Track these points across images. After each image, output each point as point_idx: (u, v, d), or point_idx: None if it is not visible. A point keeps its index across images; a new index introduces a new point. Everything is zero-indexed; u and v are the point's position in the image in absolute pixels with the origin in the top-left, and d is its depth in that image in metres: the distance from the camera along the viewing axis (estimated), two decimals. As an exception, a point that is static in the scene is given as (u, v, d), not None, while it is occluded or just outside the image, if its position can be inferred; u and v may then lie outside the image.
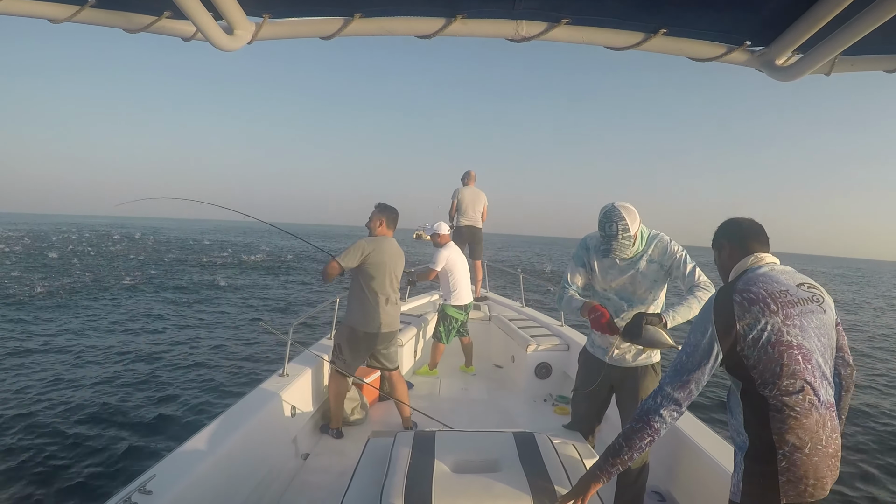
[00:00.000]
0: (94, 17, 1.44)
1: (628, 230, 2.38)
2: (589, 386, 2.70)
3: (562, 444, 2.28)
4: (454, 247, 5.36)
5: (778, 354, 1.52)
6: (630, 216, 2.39)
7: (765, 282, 1.62)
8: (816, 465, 1.51)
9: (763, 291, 1.58)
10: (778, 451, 1.52)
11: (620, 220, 2.38)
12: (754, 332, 1.54)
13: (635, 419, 1.70)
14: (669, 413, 1.64)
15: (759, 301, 1.56)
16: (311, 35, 1.47)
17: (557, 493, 1.72)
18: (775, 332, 1.53)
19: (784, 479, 1.51)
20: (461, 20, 1.41)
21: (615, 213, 2.39)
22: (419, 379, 5.28)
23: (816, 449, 1.51)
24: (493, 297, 7.19)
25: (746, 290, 1.60)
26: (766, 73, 1.54)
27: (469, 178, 7.09)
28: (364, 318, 3.69)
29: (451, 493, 1.68)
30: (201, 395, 6.74)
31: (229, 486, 2.55)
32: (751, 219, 1.84)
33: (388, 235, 3.83)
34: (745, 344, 1.55)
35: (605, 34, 1.45)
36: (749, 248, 1.76)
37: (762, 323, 1.54)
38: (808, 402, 1.51)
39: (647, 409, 1.67)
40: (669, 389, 1.64)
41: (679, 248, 2.49)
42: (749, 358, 1.55)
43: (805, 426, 1.51)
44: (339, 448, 3.65)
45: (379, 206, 3.83)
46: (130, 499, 1.94)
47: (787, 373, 1.51)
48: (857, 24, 1.18)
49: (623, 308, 2.57)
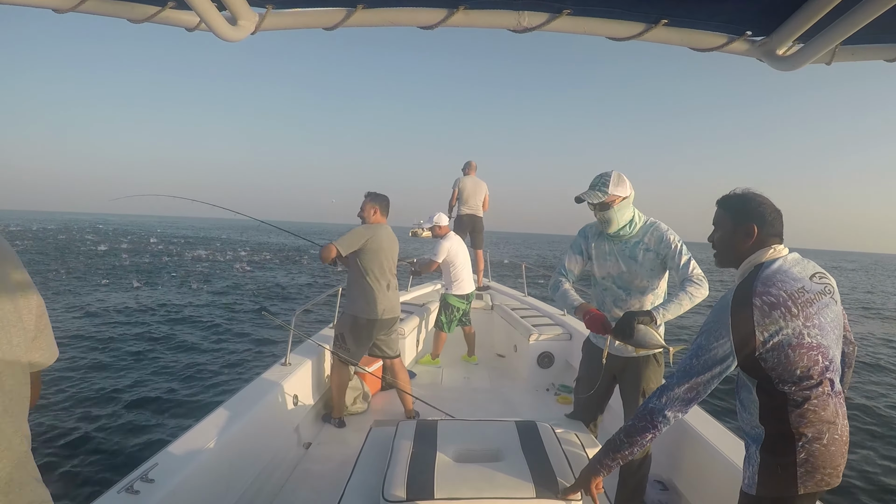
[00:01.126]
0: (98, 6, 1.44)
1: (606, 185, 2.43)
2: (591, 375, 2.72)
3: (564, 433, 2.30)
4: (455, 237, 5.37)
5: (798, 357, 1.49)
6: (618, 180, 2.45)
7: (783, 280, 1.54)
8: (833, 454, 1.51)
9: (783, 293, 1.51)
10: (797, 443, 1.51)
11: (608, 177, 2.45)
12: (775, 338, 1.48)
13: (639, 416, 1.67)
14: (674, 414, 1.61)
15: (781, 305, 1.49)
16: (313, 25, 1.47)
17: (559, 483, 1.73)
18: (796, 336, 1.48)
19: (802, 471, 1.50)
20: (463, 11, 1.41)
21: (608, 172, 2.48)
22: (421, 368, 5.32)
23: (833, 438, 1.51)
24: (495, 286, 7.21)
25: (766, 293, 1.51)
26: (766, 63, 1.54)
27: (470, 168, 7.10)
28: (366, 306, 3.71)
29: (454, 482, 1.70)
30: (203, 385, 6.79)
31: (231, 475, 2.57)
32: (778, 209, 1.68)
33: (382, 223, 3.84)
34: (764, 349, 1.50)
35: (607, 25, 1.45)
36: (768, 239, 1.65)
37: (783, 328, 1.48)
38: (825, 395, 1.51)
39: (651, 409, 1.64)
40: (677, 390, 1.59)
41: (676, 238, 2.49)
42: (767, 361, 1.51)
43: (822, 418, 1.50)
44: (341, 437, 3.68)
45: (370, 194, 3.82)
46: (132, 487, 1.96)
47: (806, 372, 1.50)
48: (858, 14, 1.18)
49: (622, 297, 2.58)
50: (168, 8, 1.45)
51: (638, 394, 2.58)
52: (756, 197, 1.68)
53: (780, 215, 1.67)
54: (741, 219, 1.67)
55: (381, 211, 3.84)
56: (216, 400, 6.05)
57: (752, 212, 1.66)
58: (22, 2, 1.46)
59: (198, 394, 6.45)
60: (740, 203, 1.69)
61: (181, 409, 5.92)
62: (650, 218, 2.58)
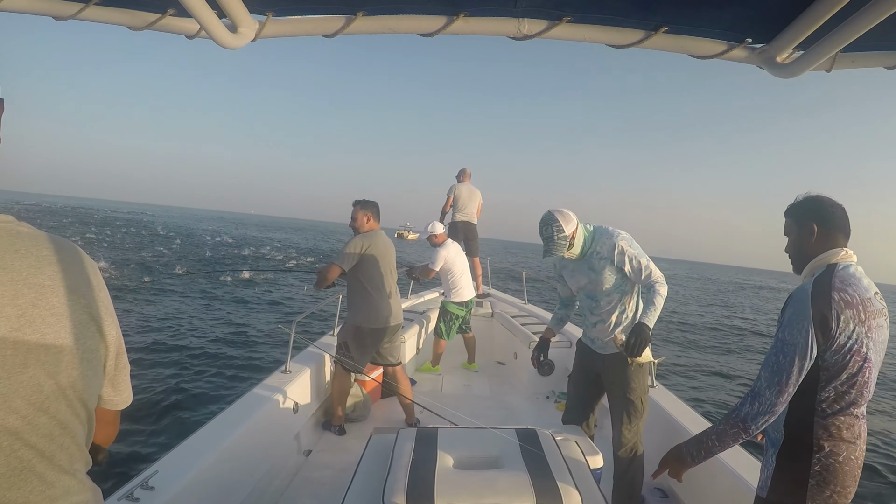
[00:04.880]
0: (98, 14, 1.45)
1: (562, 230, 2.53)
2: (580, 373, 2.87)
3: (564, 440, 2.29)
4: (452, 244, 5.35)
5: (853, 364, 1.48)
6: (564, 219, 2.54)
7: (857, 285, 1.52)
8: (846, 473, 1.50)
9: (858, 296, 1.49)
10: (814, 455, 1.50)
11: (554, 222, 2.54)
12: (842, 337, 1.47)
13: (731, 422, 1.62)
14: (765, 420, 1.57)
15: (855, 305, 1.48)
16: (313, 33, 1.48)
17: (560, 489, 1.72)
18: (858, 342, 1.47)
19: (814, 483, 1.50)
20: (463, 18, 1.42)
21: (549, 217, 2.57)
22: (421, 375, 5.30)
23: (850, 459, 1.51)
24: (495, 293, 7.20)
25: (844, 291, 1.50)
26: (766, 70, 1.54)
27: (464, 175, 7.10)
28: (369, 315, 3.69)
29: (454, 490, 1.69)
30: (204, 392, 6.76)
31: (231, 483, 2.56)
32: (840, 204, 1.69)
33: (376, 229, 3.80)
34: (834, 344, 1.48)
35: (607, 32, 1.45)
36: (837, 239, 1.63)
37: (851, 329, 1.47)
38: (855, 414, 1.51)
39: (745, 416, 1.59)
40: (769, 394, 1.54)
41: (627, 244, 2.56)
42: (826, 359, 1.49)
43: (844, 436, 1.50)
44: (341, 444, 3.66)
45: (360, 202, 3.77)
46: (133, 494, 1.95)
47: (851, 382, 1.49)
48: (858, 21, 1.19)
49: (593, 305, 2.68)
50: (168, 16, 1.46)
51: (621, 388, 2.62)
52: (814, 197, 1.70)
53: (842, 210, 1.66)
54: (803, 220, 1.69)
55: (373, 217, 3.79)
56: (216, 407, 6.03)
57: (813, 212, 1.67)
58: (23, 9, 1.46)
59: (198, 401, 6.41)
60: (800, 206, 1.71)
61: (181, 417, 5.89)
62: (598, 226, 2.67)
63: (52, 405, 0.83)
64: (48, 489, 0.84)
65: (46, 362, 0.82)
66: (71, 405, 0.86)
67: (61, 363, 0.84)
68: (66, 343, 0.85)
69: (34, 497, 0.82)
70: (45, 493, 0.84)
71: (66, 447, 0.87)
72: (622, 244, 2.54)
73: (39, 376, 0.81)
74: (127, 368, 1.02)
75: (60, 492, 0.86)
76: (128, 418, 5.65)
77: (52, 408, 0.83)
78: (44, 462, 0.83)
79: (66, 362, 0.85)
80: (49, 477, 0.84)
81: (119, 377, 1.01)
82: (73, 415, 0.87)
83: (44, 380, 0.82)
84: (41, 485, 0.83)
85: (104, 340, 0.94)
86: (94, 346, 0.91)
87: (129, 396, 1.05)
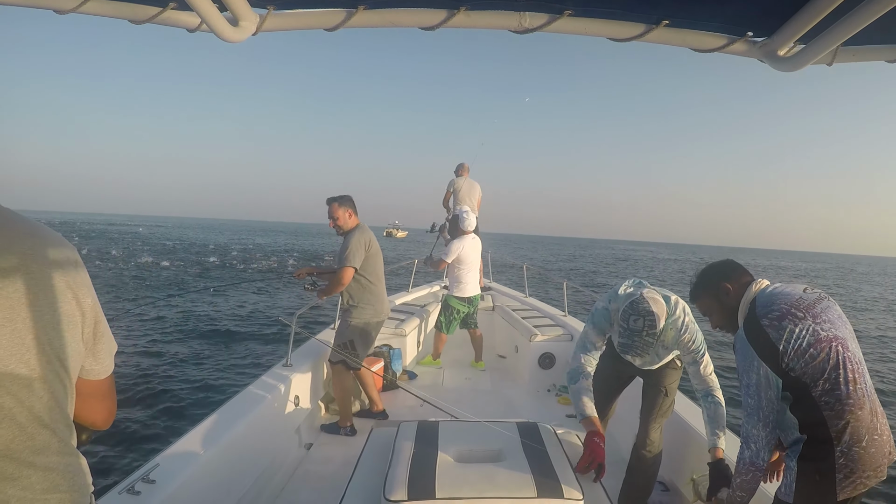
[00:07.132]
0: (99, 7, 1.44)
1: (654, 328, 2.09)
2: (611, 374, 2.74)
3: (565, 434, 2.30)
4: (470, 239, 5.28)
5: (820, 352, 1.54)
6: (659, 309, 2.11)
7: (779, 296, 1.66)
8: (873, 455, 1.52)
9: (784, 305, 1.62)
10: (836, 448, 1.52)
11: (648, 315, 2.09)
12: (794, 343, 1.56)
13: (742, 471, 1.73)
14: (768, 451, 1.68)
15: (787, 315, 1.60)
16: (315, 26, 1.47)
17: (561, 483, 1.73)
18: (811, 334, 1.55)
19: (841, 476, 1.52)
20: (464, 12, 1.41)
21: (642, 306, 2.11)
22: (423, 369, 5.31)
23: (873, 440, 1.52)
24: (496, 287, 7.20)
25: (769, 311, 1.63)
26: (768, 64, 1.54)
27: (462, 169, 7.09)
28: (374, 310, 3.73)
29: (455, 483, 1.70)
30: (205, 385, 6.79)
31: (232, 476, 2.58)
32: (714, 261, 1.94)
33: (359, 223, 3.76)
34: (789, 358, 1.57)
35: (608, 25, 1.45)
36: (744, 279, 1.82)
37: (797, 331, 1.57)
38: (859, 391, 1.53)
39: (749, 461, 1.70)
40: (756, 431, 1.67)
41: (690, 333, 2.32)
42: (795, 369, 1.57)
43: (860, 418, 1.51)
44: (342, 438, 3.68)
45: (336, 199, 3.66)
46: (134, 488, 1.97)
47: (834, 364, 1.53)
48: (859, 15, 1.18)
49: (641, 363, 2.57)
50: (169, 9, 1.45)
51: (658, 391, 2.60)
52: (704, 269, 1.93)
53: (731, 262, 1.89)
54: (713, 288, 1.87)
55: (354, 212, 3.72)
56: (218, 401, 6.05)
57: (712, 278, 1.88)
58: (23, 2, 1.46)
59: (199, 395, 6.45)
60: (702, 283, 1.91)
61: (182, 410, 5.92)
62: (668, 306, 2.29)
63: (31, 358, 0.87)
64: (29, 440, 0.87)
65: (26, 318, 0.87)
66: (49, 362, 0.90)
67: (40, 322, 0.89)
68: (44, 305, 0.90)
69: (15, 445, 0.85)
70: (27, 445, 0.86)
71: (45, 401, 0.90)
72: (687, 337, 2.30)
73: (21, 331, 0.86)
74: (106, 338, 1.06)
75: (41, 445, 0.88)
76: (129, 412, 5.70)
77: (31, 361, 0.87)
78: (24, 412, 0.86)
79: (45, 321, 0.90)
80: (29, 429, 0.87)
81: (98, 346, 1.04)
82: (52, 371, 0.91)
83: (24, 333, 0.86)
84: (21, 434, 0.86)
85: (80, 308, 0.97)
86: (71, 312, 0.95)
87: (109, 365, 1.08)
